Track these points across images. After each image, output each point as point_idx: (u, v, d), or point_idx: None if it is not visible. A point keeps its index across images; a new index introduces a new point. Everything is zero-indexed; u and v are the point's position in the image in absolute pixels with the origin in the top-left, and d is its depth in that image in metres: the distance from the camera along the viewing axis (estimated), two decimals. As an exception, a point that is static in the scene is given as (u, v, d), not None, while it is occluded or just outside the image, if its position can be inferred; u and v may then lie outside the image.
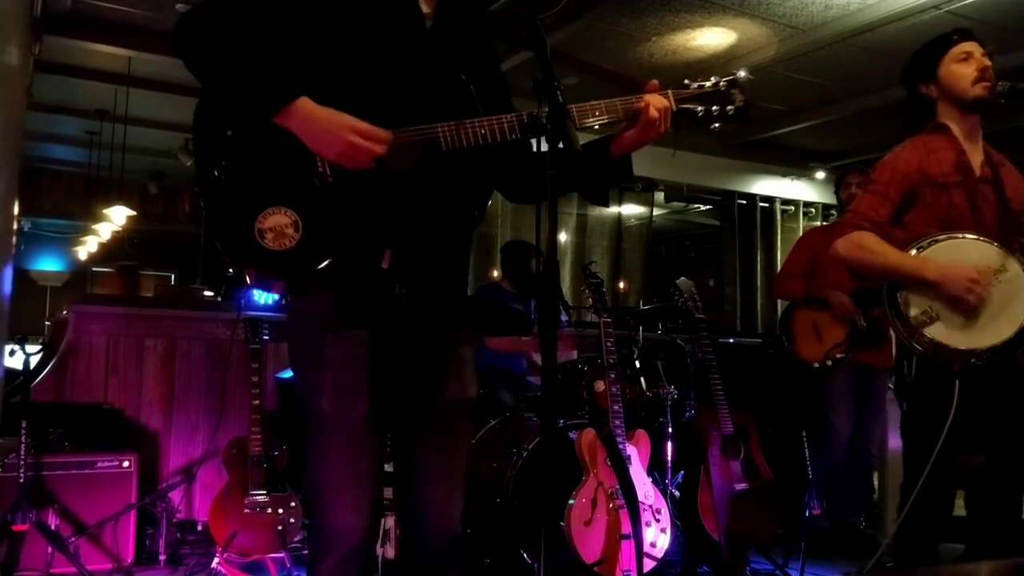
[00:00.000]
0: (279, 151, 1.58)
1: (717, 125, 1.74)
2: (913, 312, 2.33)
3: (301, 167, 1.59)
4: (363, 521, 1.63)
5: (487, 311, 3.88)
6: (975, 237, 2.36)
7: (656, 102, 1.67)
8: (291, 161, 1.58)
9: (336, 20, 1.64)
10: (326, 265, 1.58)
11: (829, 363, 3.88)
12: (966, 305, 2.28)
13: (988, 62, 2.46)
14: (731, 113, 1.73)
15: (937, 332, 2.30)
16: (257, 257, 1.57)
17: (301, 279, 1.64)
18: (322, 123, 1.53)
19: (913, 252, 2.37)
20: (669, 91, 1.72)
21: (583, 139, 1.61)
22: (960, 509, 2.54)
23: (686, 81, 1.74)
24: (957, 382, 2.27)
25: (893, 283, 2.39)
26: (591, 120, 1.66)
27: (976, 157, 2.50)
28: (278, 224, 1.56)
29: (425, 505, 1.71)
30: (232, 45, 1.57)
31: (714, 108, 1.72)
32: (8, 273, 3.34)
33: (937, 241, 2.36)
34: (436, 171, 1.62)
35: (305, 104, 1.54)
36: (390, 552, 2.93)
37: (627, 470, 3.08)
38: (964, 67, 2.47)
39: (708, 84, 1.73)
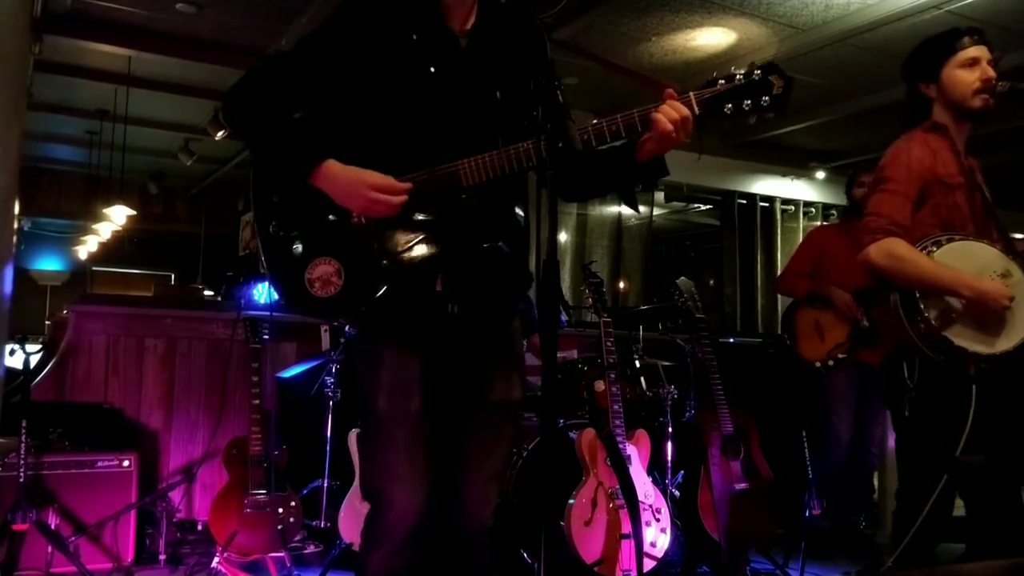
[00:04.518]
0: (320, 207, 1.72)
1: (753, 119, 1.63)
2: (932, 314, 2.30)
3: (338, 217, 1.72)
4: (416, 514, 1.72)
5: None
6: (978, 240, 2.36)
7: (669, 113, 1.61)
8: (329, 213, 1.73)
9: (368, 63, 1.72)
10: (375, 302, 1.70)
11: (831, 363, 3.89)
12: (991, 315, 2.28)
13: (993, 72, 2.41)
14: (766, 104, 1.61)
15: (956, 335, 2.28)
16: (308, 304, 1.73)
17: (350, 319, 1.75)
18: (343, 184, 1.67)
19: (920, 248, 2.35)
20: (691, 94, 1.63)
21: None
22: (960, 509, 2.54)
23: (715, 75, 1.63)
24: (975, 387, 2.26)
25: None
26: (609, 134, 1.63)
27: (964, 161, 2.50)
28: (324, 273, 1.71)
29: (464, 496, 1.81)
30: (268, 117, 1.72)
31: (746, 103, 1.62)
32: (8, 273, 3.34)
33: (942, 243, 2.34)
34: (475, 193, 1.69)
35: (330, 167, 1.68)
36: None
37: (627, 470, 3.08)
38: (968, 74, 2.42)
39: (740, 76, 1.62)
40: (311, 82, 1.75)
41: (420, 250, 1.70)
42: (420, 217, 1.69)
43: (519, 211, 1.84)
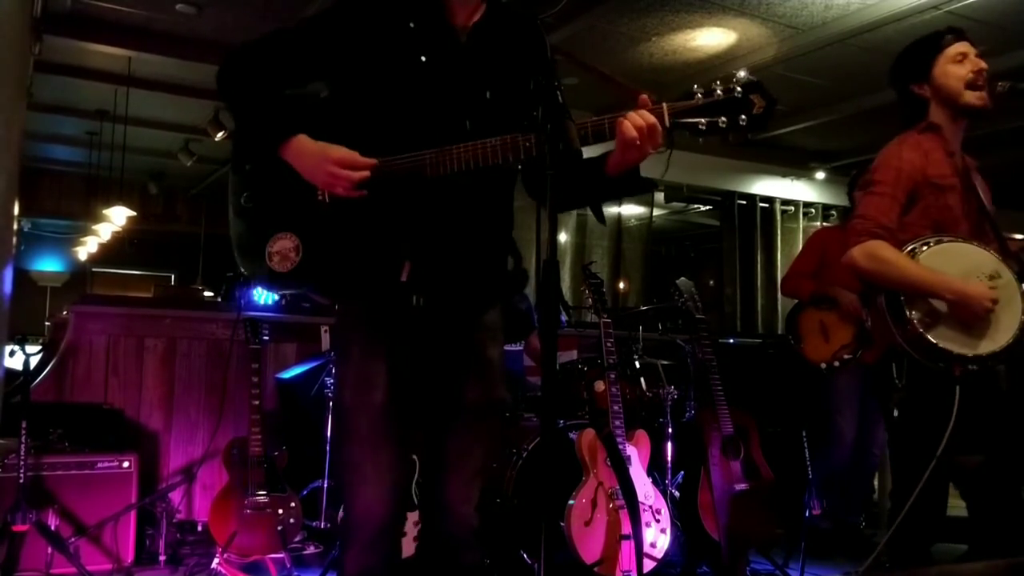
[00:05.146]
0: (288, 183, 1.74)
1: (729, 138, 1.55)
2: (916, 315, 2.31)
3: (303, 195, 1.73)
4: (383, 507, 1.72)
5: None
6: (968, 242, 2.36)
7: (635, 119, 1.54)
8: (297, 191, 1.74)
9: (362, 46, 1.72)
10: (334, 284, 1.74)
11: (836, 364, 3.89)
12: (976, 317, 2.28)
13: (983, 64, 2.42)
14: (744, 123, 1.52)
15: (939, 337, 2.29)
16: (265, 276, 1.76)
17: (308, 293, 1.81)
18: (309, 157, 1.69)
19: (910, 252, 2.36)
20: (664, 105, 1.56)
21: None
22: (956, 509, 2.54)
23: (695, 87, 1.55)
24: (958, 388, 2.27)
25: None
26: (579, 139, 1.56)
27: (959, 161, 2.50)
28: (283, 248, 1.74)
29: (446, 497, 1.81)
30: (252, 87, 1.75)
31: (722, 120, 1.53)
32: (8, 273, 3.33)
33: (930, 245, 2.35)
34: (450, 187, 1.67)
35: (299, 141, 1.70)
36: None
37: (627, 470, 3.08)
38: (959, 68, 2.43)
39: (720, 92, 1.53)
40: (305, 59, 1.76)
41: (385, 236, 1.70)
42: (390, 203, 1.69)
43: (501, 207, 1.82)
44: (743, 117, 1.53)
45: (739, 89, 1.53)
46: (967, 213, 2.44)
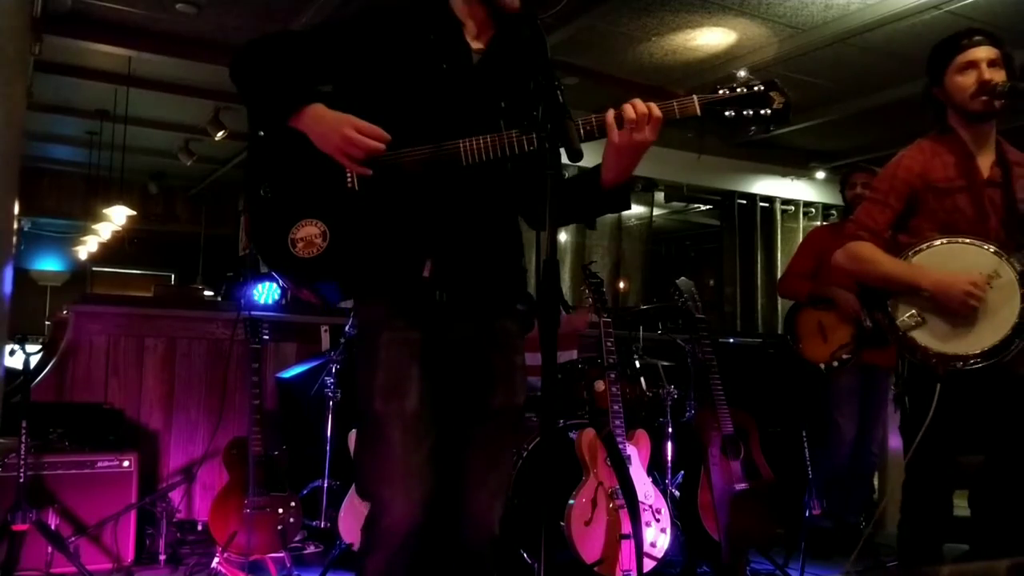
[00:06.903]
0: (312, 168, 1.71)
1: (753, 129, 1.67)
2: (900, 316, 2.37)
3: (331, 181, 1.70)
4: (413, 517, 1.68)
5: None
6: (971, 242, 2.37)
7: (636, 107, 1.61)
8: (323, 176, 1.70)
9: (381, 53, 1.73)
10: (360, 274, 1.69)
11: (835, 364, 3.89)
12: (961, 314, 2.30)
13: (988, 74, 2.42)
14: (767, 116, 1.65)
15: (922, 336, 2.34)
16: (286, 264, 1.70)
17: (339, 284, 1.76)
18: (327, 122, 1.66)
19: (908, 255, 2.39)
20: (694, 96, 1.64)
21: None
22: (963, 509, 2.54)
23: (717, 86, 1.67)
24: (938, 385, 2.30)
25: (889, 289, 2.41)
26: (584, 134, 1.62)
27: (985, 160, 2.50)
28: (308, 234, 1.69)
29: (469, 507, 1.77)
30: (264, 64, 1.74)
31: (747, 112, 1.65)
32: (8, 273, 3.34)
33: (932, 246, 2.38)
34: (470, 183, 1.69)
35: (317, 108, 1.68)
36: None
37: (627, 470, 3.08)
38: (964, 79, 2.45)
39: (743, 89, 1.65)
40: (320, 56, 1.76)
41: (410, 230, 1.69)
42: (415, 197, 1.69)
43: (513, 210, 1.84)
44: (765, 111, 1.64)
45: (760, 86, 1.65)
46: (982, 214, 2.45)
